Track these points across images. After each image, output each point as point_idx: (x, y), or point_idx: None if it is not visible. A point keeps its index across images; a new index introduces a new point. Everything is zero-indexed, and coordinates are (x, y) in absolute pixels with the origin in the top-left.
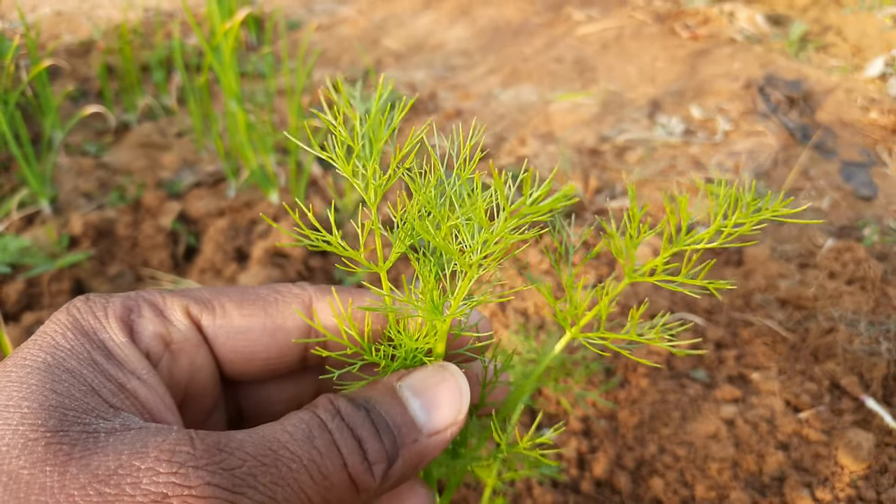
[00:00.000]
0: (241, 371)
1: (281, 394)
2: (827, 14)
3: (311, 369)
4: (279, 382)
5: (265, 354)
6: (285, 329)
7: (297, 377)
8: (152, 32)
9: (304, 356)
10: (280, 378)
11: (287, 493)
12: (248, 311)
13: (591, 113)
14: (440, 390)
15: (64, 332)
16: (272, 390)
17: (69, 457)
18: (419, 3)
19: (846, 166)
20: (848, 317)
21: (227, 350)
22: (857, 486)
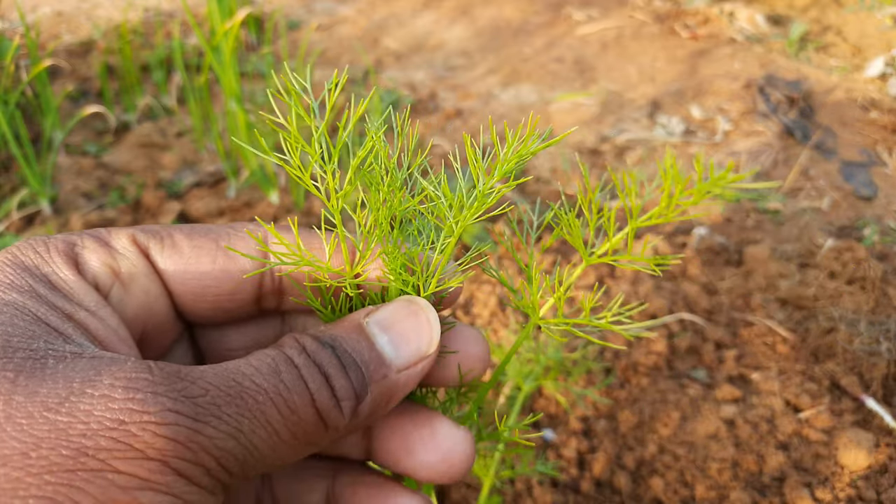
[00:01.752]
0: (193, 308)
1: (241, 339)
2: (827, 14)
3: (272, 316)
4: (239, 327)
5: (216, 290)
6: (237, 263)
7: (258, 323)
8: (152, 32)
9: (258, 297)
10: (240, 323)
11: (254, 426)
12: (197, 243)
13: (591, 113)
14: (408, 324)
15: (2, 268)
16: (232, 335)
17: (14, 384)
18: (419, 3)
19: (846, 166)
20: (848, 317)
21: (177, 283)
22: (857, 486)
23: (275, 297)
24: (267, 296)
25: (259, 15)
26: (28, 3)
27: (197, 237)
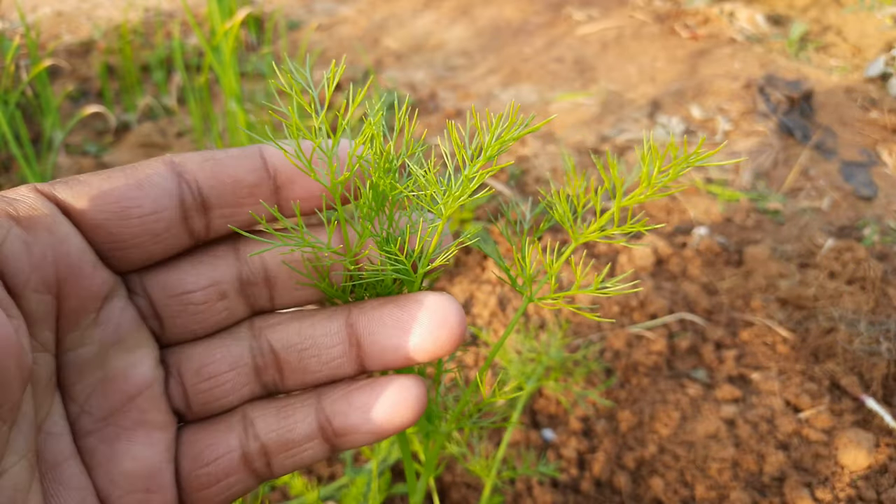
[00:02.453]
0: (116, 243)
1: (197, 278)
2: (827, 14)
3: (222, 249)
4: (191, 264)
5: (138, 210)
6: (152, 180)
7: (209, 255)
8: (152, 32)
9: (184, 216)
10: (186, 258)
11: None
12: (106, 175)
13: (591, 113)
14: None
15: None
16: (187, 275)
17: None
18: (419, 3)
19: (846, 166)
20: (848, 317)
21: (94, 212)
22: (857, 485)
23: (200, 215)
24: (192, 215)
25: (259, 15)
26: (28, 4)
27: (106, 173)
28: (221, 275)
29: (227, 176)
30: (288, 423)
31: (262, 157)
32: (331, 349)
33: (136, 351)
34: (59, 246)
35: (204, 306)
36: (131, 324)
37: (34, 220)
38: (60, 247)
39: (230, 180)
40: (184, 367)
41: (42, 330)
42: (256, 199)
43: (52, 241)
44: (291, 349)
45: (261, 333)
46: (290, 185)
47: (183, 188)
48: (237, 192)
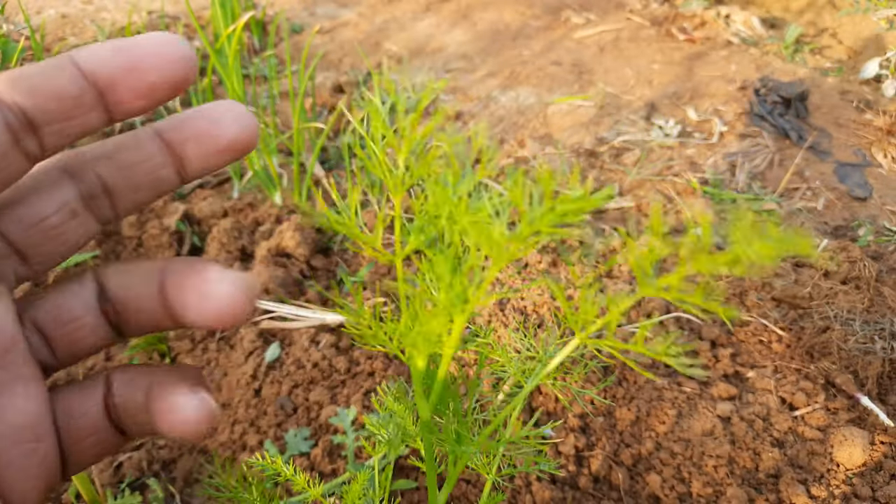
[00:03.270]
0: None
1: (48, 204)
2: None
3: (50, 172)
4: (35, 195)
5: None
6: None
7: (45, 186)
8: None
9: (16, 140)
10: (27, 193)
11: None
12: None
13: (589, 115)
14: None
15: None
16: (35, 204)
17: None
18: (420, 7)
19: (841, 167)
20: (843, 316)
21: None
22: (853, 483)
23: (30, 136)
24: (22, 137)
25: (262, 19)
26: (33, 6)
27: None
28: (65, 196)
29: (45, 91)
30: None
31: (76, 63)
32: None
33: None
34: None
35: (63, 227)
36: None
37: None
38: None
39: (51, 94)
40: (39, 318)
41: None
42: (84, 110)
43: None
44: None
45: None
46: (113, 88)
47: (5, 112)
48: (62, 106)
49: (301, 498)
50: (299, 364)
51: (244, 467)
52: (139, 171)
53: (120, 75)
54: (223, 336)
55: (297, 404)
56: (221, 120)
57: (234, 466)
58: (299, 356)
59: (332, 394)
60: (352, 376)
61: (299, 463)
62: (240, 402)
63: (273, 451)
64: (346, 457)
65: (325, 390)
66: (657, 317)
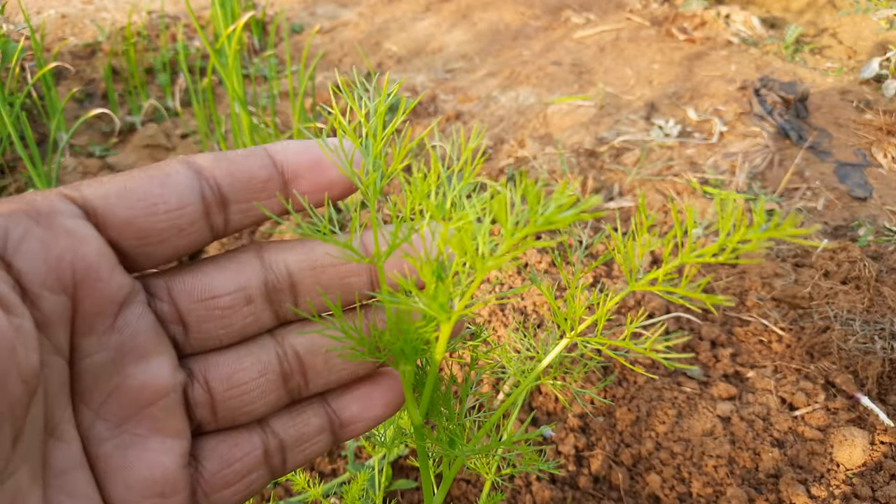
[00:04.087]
0: (145, 235)
1: (224, 284)
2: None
3: (245, 251)
4: (217, 270)
5: (164, 206)
6: (174, 178)
7: (233, 263)
8: (156, 35)
9: (206, 212)
10: (211, 264)
11: None
12: (129, 175)
13: (589, 115)
14: None
15: None
16: (211, 280)
17: None
18: (420, 7)
19: (841, 167)
20: (843, 315)
21: (121, 209)
22: (853, 483)
23: (219, 210)
24: (213, 210)
25: (262, 19)
26: (33, 6)
27: (128, 173)
28: (247, 280)
29: (241, 172)
30: (302, 419)
31: (269, 154)
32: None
33: (154, 358)
34: (79, 247)
35: (230, 311)
36: (149, 330)
37: (53, 220)
38: (80, 248)
39: (244, 176)
40: (211, 375)
41: (57, 333)
42: (269, 194)
43: (71, 243)
44: (317, 353)
45: (284, 339)
46: (297, 179)
47: (203, 184)
48: (251, 186)
49: (301, 498)
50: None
51: None
52: (330, 273)
53: (304, 170)
54: None
55: None
56: None
57: None
58: None
59: None
60: None
61: None
62: None
63: None
64: (346, 457)
65: None
66: (658, 317)
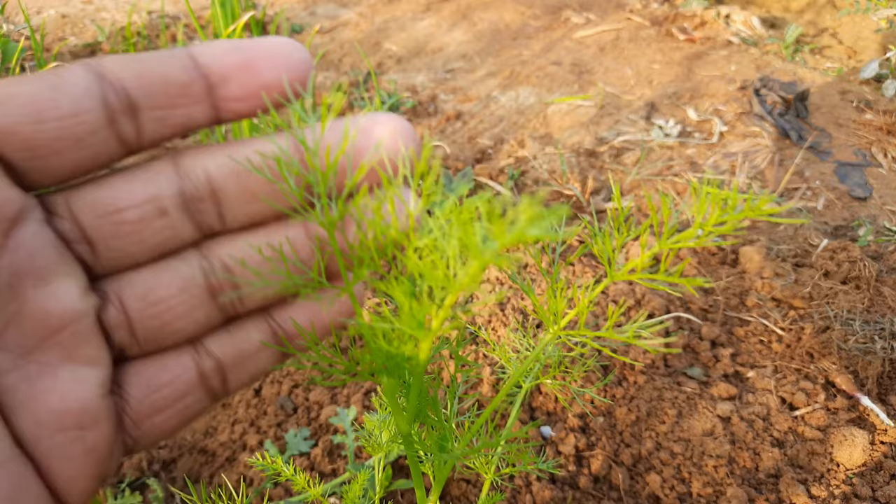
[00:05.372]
0: (33, 146)
1: (130, 196)
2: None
3: (158, 161)
4: (125, 182)
5: (55, 112)
6: (69, 80)
7: (143, 173)
8: (156, 35)
9: (111, 119)
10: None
11: None
12: (15, 80)
13: (589, 115)
14: None
15: None
16: (116, 192)
17: None
18: (420, 7)
19: (841, 167)
20: (843, 315)
21: (2, 117)
22: (853, 483)
23: (128, 118)
24: (119, 118)
25: (262, 18)
26: (33, 6)
27: (16, 77)
28: (159, 190)
29: (153, 75)
30: (241, 335)
31: (190, 55)
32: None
33: (58, 281)
34: None
35: (141, 225)
36: (49, 250)
37: None
38: None
39: (158, 79)
40: (125, 294)
41: None
42: (190, 100)
43: None
44: (249, 263)
45: (210, 252)
46: (225, 83)
47: (105, 87)
48: (167, 91)
49: (301, 498)
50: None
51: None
52: (257, 177)
53: (234, 71)
54: None
55: (298, 404)
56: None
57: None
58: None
59: (332, 393)
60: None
61: (299, 463)
62: (240, 401)
63: (273, 451)
64: (346, 457)
65: (325, 390)
66: (658, 317)
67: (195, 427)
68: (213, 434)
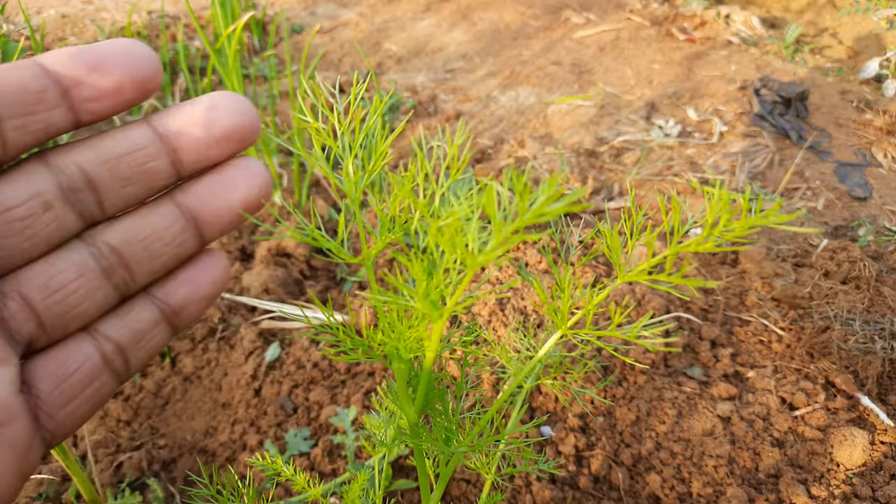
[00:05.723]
0: None
1: (16, 194)
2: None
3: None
4: (5, 183)
5: None
6: None
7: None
8: (156, 35)
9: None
10: None
11: None
12: None
13: (589, 115)
14: None
15: None
16: (3, 192)
17: None
18: (420, 7)
19: (841, 167)
20: (843, 315)
21: None
22: (853, 483)
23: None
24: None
25: (262, 19)
26: (33, 6)
27: None
28: (41, 186)
29: (7, 85)
30: (132, 316)
31: (38, 63)
32: (170, 228)
33: None
34: None
35: (31, 220)
36: None
37: None
38: None
39: (13, 88)
40: (25, 288)
41: None
42: (47, 106)
43: None
44: (133, 242)
45: (96, 238)
46: (77, 86)
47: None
48: (23, 99)
49: (301, 498)
50: (299, 364)
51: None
52: (127, 162)
53: (83, 74)
54: (223, 336)
55: (298, 404)
56: (217, 108)
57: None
58: (299, 356)
59: (332, 394)
60: (352, 376)
61: (299, 463)
62: (240, 401)
63: (273, 451)
64: (346, 457)
65: (326, 390)
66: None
67: (195, 427)
68: (213, 434)
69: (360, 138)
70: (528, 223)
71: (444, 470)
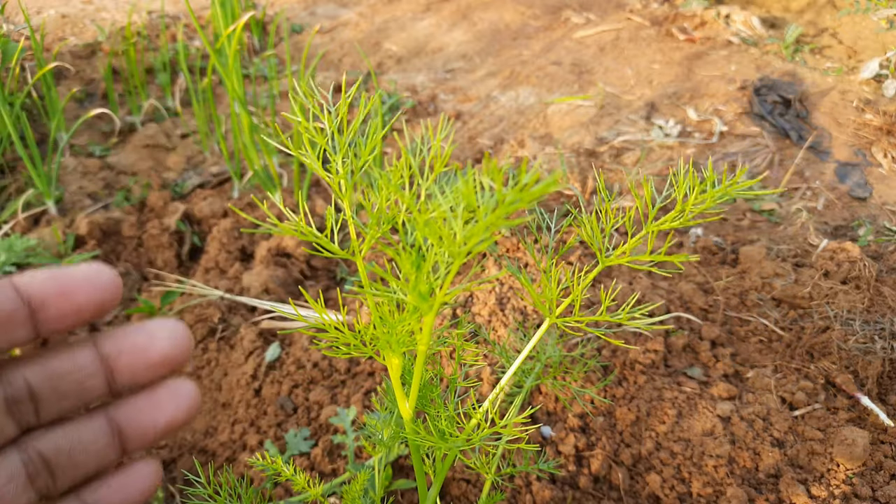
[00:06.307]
0: None
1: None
2: (822, 17)
3: None
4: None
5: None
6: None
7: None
8: (157, 35)
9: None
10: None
11: None
12: None
13: (589, 115)
14: None
15: None
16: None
17: None
18: (420, 7)
19: (841, 167)
20: (843, 315)
21: None
22: (853, 482)
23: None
24: None
25: (262, 19)
26: (33, 6)
27: None
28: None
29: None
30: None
31: (14, 285)
32: (97, 442)
33: None
34: None
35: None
36: None
37: None
38: None
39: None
40: None
41: None
42: (15, 325)
43: None
44: (61, 452)
45: (28, 445)
46: (43, 308)
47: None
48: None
49: (301, 498)
50: (299, 364)
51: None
52: (68, 379)
53: (52, 297)
54: (223, 336)
55: (298, 404)
56: (156, 336)
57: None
58: (299, 356)
59: (332, 393)
60: (352, 376)
61: (299, 463)
62: (240, 401)
63: (273, 451)
64: (346, 457)
65: (326, 390)
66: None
67: (195, 427)
68: (214, 434)
69: (349, 137)
70: (509, 210)
71: (440, 466)
